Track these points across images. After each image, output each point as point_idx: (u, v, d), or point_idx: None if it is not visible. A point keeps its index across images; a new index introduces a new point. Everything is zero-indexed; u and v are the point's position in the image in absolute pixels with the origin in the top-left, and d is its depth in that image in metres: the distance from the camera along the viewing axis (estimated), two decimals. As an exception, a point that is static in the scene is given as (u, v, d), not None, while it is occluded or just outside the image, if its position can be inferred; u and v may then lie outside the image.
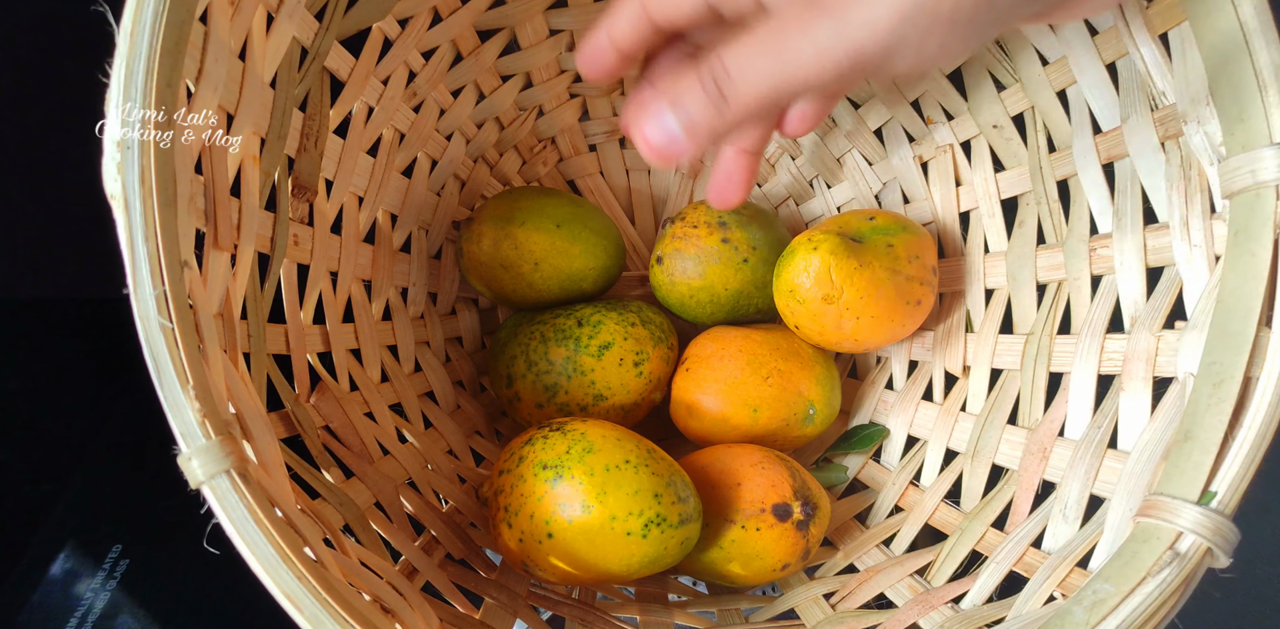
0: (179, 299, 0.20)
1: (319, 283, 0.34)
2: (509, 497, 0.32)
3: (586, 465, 0.30)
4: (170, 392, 0.20)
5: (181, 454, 0.19)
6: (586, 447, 0.31)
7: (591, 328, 0.40)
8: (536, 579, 0.34)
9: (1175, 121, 0.28)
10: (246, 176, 0.28)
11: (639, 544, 0.30)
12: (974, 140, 0.39)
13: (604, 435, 0.32)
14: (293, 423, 0.30)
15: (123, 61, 0.20)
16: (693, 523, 0.32)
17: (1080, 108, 0.33)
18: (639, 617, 0.35)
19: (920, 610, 0.32)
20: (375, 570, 0.26)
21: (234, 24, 0.26)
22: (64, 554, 0.41)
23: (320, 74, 0.33)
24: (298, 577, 0.19)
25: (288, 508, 0.21)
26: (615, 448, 0.31)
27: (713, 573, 0.35)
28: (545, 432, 0.33)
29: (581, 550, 0.30)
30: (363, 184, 0.38)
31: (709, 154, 0.51)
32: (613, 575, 0.31)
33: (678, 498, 0.31)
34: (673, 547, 0.31)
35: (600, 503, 0.30)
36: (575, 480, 0.30)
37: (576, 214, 0.42)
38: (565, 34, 0.45)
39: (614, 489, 0.30)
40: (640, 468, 0.31)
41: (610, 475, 0.30)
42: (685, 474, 0.33)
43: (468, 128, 0.45)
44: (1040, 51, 0.34)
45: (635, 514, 0.30)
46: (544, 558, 0.30)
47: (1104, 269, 0.32)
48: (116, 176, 0.20)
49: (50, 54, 0.43)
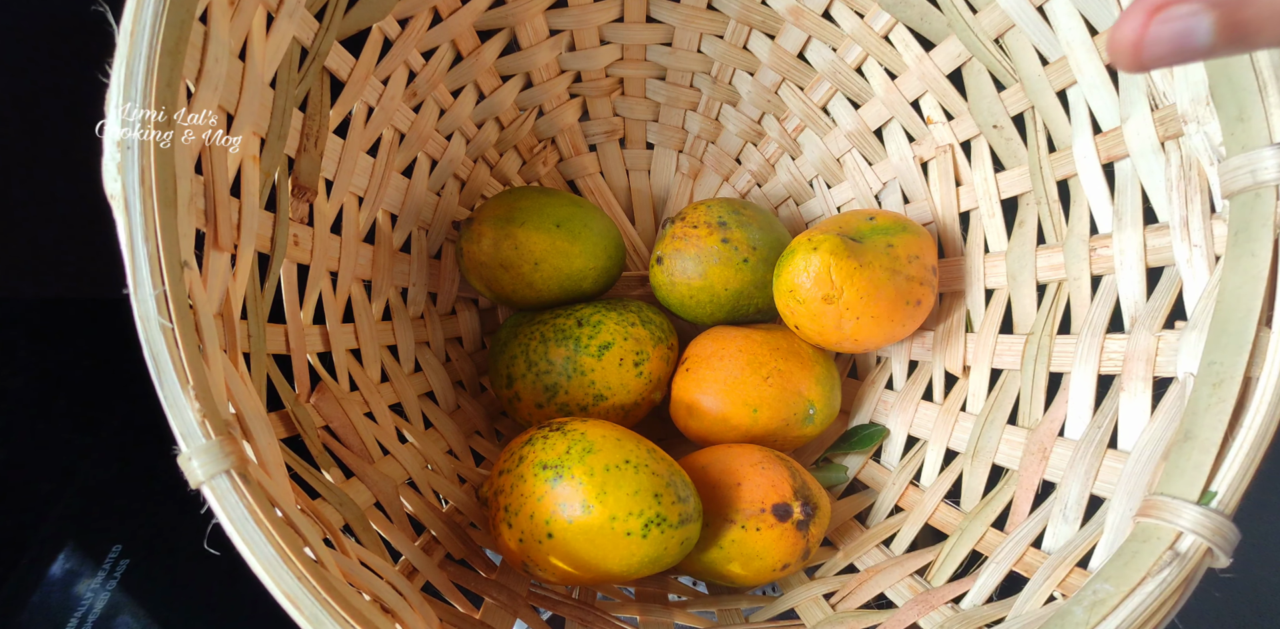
0: (179, 299, 0.20)
1: (319, 283, 0.34)
2: (509, 496, 0.32)
3: (586, 465, 0.30)
4: (170, 391, 0.20)
5: (181, 454, 0.19)
6: (586, 447, 0.31)
7: (592, 328, 0.40)
8: (536, 579, 0.34)
9: (1175, 121, 0.28)
10: (246, 176, 0.28)
11: (639, 544, 0.30)
12: (974, 140, 0.39)
13: (604, 435, 0.32)
14: (293, 423, 0.30)
15: (123, 61, 0.20)
16: (693, 523, 0.32)
17: (1080, 108, 0.33)
18: (639, 617, 0.35)
19: (920, 610, 0.32)
20: (375, 570, 0.26)
21: (234, 24, 0.26)
22: (64, 554, 0.41)
23: (320, 74, 0.33)
24: (297, 576, 0.19)
25: (288, 508, 0.21)
26: (615, 448, 0.31)
27: (713, 573, 0.35)
28: (545, 431, 0.33)
29: (582, 550, 0.30)
30: (363, 184, 0.38)
31: (709, 153, 0.51)
32: (613, 575, 0.31)
33: (678, 498, 0.31)
34: (673, 547, 0.31)
35: (600, 503, 0.30)
36: (575, 480, 0.30)
37: (576, 214, 0.42)
38: (565, 34, 0.45)
39: (614, 489, 0.30)
40: (640, 468, 0.31)
41: (610, 475, 0.30)
42: (685, 474, 0.33)
43: (468, 128, 0.45)
44: (1040, 51, 0.34)
45: (635, 514, 0.30)
46: (544, 558, 0.30)
47: (1104, 269, 0.32)
48: (116, 176, 0.20)
49: (50, 55, 0.43)
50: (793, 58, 0.44)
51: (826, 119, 0.45)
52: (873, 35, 0.40)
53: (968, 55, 0.37)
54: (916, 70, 0.39)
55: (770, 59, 0.44)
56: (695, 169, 0.51)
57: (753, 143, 0.49)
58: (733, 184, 0.51)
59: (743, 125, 0.49)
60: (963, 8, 0.36)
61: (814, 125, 0.46)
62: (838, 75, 0.43)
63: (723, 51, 0.46)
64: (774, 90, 0.46)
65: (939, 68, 0.38)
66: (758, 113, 0.48)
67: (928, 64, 0.39)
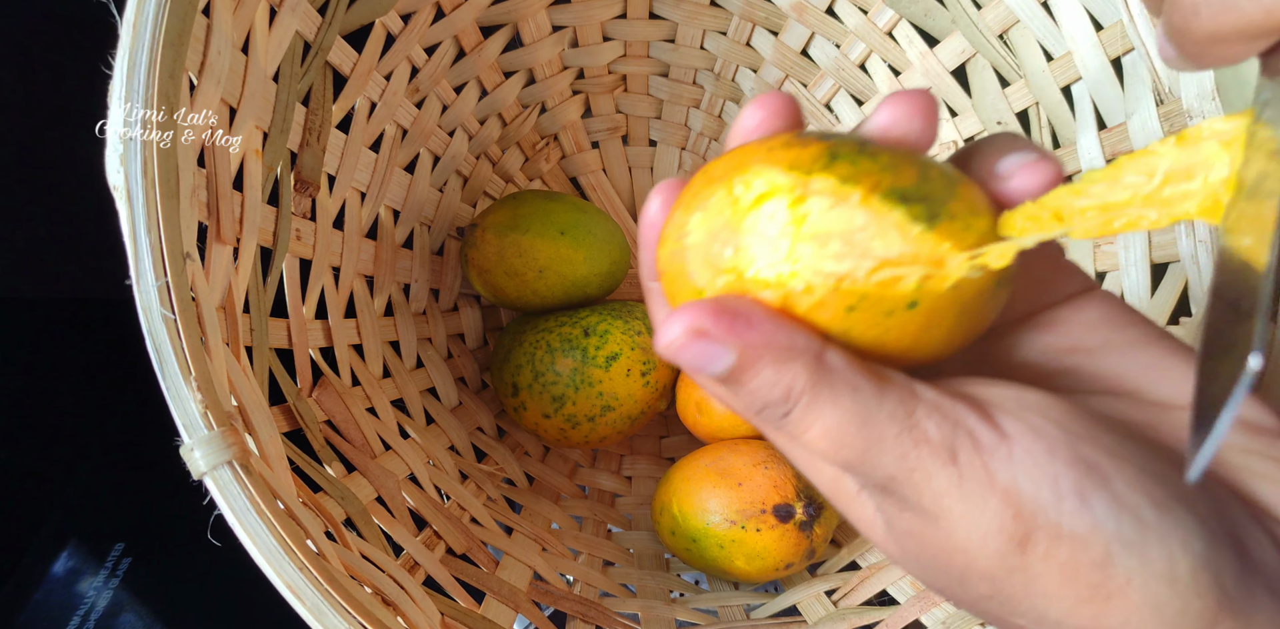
0: (181, 291, 0.20)
1: (321, 278, 0.34)
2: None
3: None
4: (173, 383, 0.19)
5: (184, 445, 0.19)
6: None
7: (599, 338, 0.40)
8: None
9: (1181, 117, 0.28)
10: (249, 170, 0.28)
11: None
12: (978, 137, 0.39)
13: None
14: (295, 417, 0.30)
15: (125, 54, 0.20)
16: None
17: (1085, 104, 0.33)
18: (640, 613, 0.35)
19: (922, 607, 0.31)
20: (377, 564, 0.26)
21: (237, 17, 0.26)
22: (66, 553, 0.41)
23: (323, 69, 0.33)
24: (299, 568, 0.19)
25: (289, 500, 0.21)
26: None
27: (715, 569, 0.35)
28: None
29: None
30: (365, 179, 0.38)
31: (712, 150, 0.51)
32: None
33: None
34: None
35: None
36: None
37: (580, 220, 0.42)
38: (568, 30, 0.45)
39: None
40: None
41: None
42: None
43: (470, 124, 0.45)
44: (1045, 47, 0.34)
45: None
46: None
47: (1108, 266, 0.32)
48: (119, 168, 0.20)
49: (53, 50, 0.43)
50: (796, 54, 0.44)
51: (830, 116, 0.45)
52: (876, 31, 0.40)
53: (972, 51, 0.37)
54: (920, 67, 0.39)
55: (773, 56, 0.44)
56: (698, 166, 0.51)
57: (755, 140, 0.49)
58: (735, 181, 0.51)
59: (745, 122, 0.49)
60: (967, 4, 0.36)
61: (817, 122, 0.46)
62: (841, 72, 0.43)
63: (726, 48, 0.46)
64: (777, 87, 0.46)
65: (943, 64, 0.38)
66: (760, 110, 0.48)
67: (931, 60, 0.39)
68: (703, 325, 0.14)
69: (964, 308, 0.14)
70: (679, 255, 0.15)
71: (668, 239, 0.16)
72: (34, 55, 0.43)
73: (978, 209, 0.14)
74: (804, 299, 0.14)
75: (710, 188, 0.15)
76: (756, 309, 0.14)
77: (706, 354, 0.14)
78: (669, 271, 0.16)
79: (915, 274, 0.13)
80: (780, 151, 0.14)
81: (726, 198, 0.14)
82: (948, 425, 0.13)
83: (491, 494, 0.39)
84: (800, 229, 0.14)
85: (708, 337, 0.14)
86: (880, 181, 0.13)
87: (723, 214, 0.14)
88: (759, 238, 0.14)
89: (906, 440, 0.13)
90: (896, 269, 0.13)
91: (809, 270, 0.14)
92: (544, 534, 0.38)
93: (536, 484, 0.43)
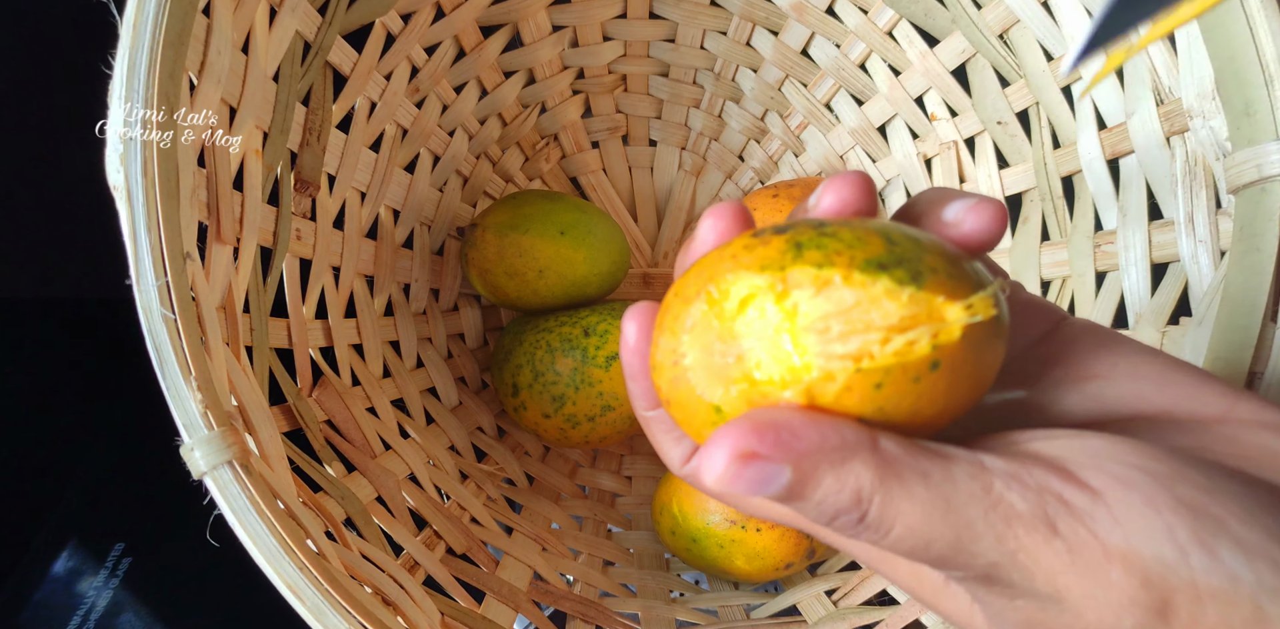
0: (181, 290, 0.20)
1: (321, 277, 0.34)
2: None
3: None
4: (173, 382, 0.19)
5: (184, 445, 0.19)
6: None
7: (599, 338, 0.40)
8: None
9: (1181, 116, 0.28)
10: (249, 170, 0.28)
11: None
12: (978, 137, 0.39)
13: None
14: (295, 416, 0.30)
15: (125, 54, 0.20)
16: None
17: (1085, 103, 0.33)
18: (640, 613, 0.35)
19: (922, 607, 0.31)
20: (377, 563, 0.26)
21: (237, 17, 0.26)
22: (66, 553, 0.41)
23: (323, 68, 0.33)
24: (299, 567, 0.19)
25: (289, 500, 0.21)
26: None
27: (716, 569, 0.35)
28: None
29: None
30: (365, 179, 0.38)
31: (712, 150, 0.51)
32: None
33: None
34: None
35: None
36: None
37: (581, 220, 0.42)
38: (568, 30, 0.45)
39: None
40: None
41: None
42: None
43: (470, 124, 0.45)
44: (1045, 47, 0.34)
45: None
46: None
47: (1108, 265, 0.32)
48: (119, 168, 0.20)
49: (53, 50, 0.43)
50: (796, 54, 0.44)
51: (830, 116, 0.45)
52: (876, 31, 0.40)
53: (972, 51, 0.37)
54: (920, 66, 0.39)
55: (773, 55, 0.44)
56: (698, 166, 0.51)
57: (756, 140, 0.49)
58: (735, 181, 0.51)
59: (746, 122, 0.49)
60: (967, 3, 0.36)
61: (817, 122, 0.46)
62: (841, 72, 0.43)
63: (726, 48, 0.45)
64: (777, 87, 0.46)
65: (943, 64, 0.38)
66: (761, 109, 0.48)
67: (931, 60, 0.39)
68: (747, 447, 0.12)
69: (980, 355, 0.14)
70: (681, 380, 0.15)
71: (663, 366, 0.15)
72: (34, 55, 0.43)
73: (951, 256, 0.14)
74: (828, 387, 0.13)
75: (688, 305, 0.14)
76: (792, 414, 0.13)
77: (761, 477, 0.13)
78: (676, 398, 0.15)
79: (925, 333, 0.13)
80: (745, 255, 0.14)
81: (710, 310, 0.14)
82: (1031, 494, 0.12)
83: (491, 494, 0.39)
84: (796, 322, 0.13)
85: (756, 458, 0.12)
86: (854, 257, 0.13)
87: (712, 327, 0.14)
88: (758, 340, 0.14)
89: (996, 520, 0.12)
90: (906, 333, 0.13)
91: (821, 358, 0.13)
92: (544, 534, 0.38)
93: (536, 484, 0.43)
